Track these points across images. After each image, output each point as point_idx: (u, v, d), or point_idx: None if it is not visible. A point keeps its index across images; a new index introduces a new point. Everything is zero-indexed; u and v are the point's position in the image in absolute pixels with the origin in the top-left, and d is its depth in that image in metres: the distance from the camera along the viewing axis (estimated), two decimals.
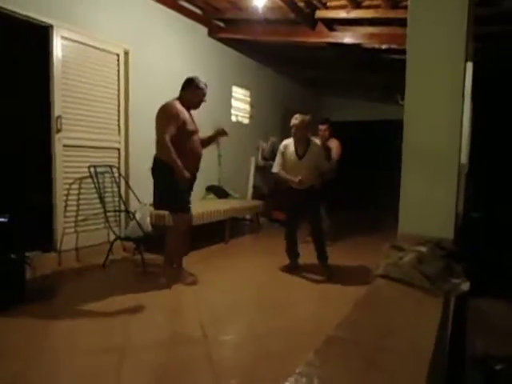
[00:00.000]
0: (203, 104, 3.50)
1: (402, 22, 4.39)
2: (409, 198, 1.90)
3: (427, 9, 1.90)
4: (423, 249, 1.50)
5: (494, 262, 3.61)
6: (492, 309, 2.67)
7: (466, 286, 1.41)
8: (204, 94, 3.44)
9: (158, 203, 3.43)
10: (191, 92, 3.40)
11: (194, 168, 3.40)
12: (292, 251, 3.94)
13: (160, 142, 3.21)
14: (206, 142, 3.66)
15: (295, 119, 3.70)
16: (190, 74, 5.27)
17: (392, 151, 3.40)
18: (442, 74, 1.84)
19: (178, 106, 3.29)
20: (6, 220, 2.77)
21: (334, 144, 4.90)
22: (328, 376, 0.80)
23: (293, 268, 3.91)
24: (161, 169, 3.28)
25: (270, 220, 6.32)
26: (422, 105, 1.87)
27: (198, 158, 3.46)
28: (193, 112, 3.47)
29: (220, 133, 3.67)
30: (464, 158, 3.96)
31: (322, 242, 3.85)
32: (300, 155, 3.72)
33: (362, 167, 8.47)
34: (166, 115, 3.21)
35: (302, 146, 3.71)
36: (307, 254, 3.95)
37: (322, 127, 4.89)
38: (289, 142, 3.79)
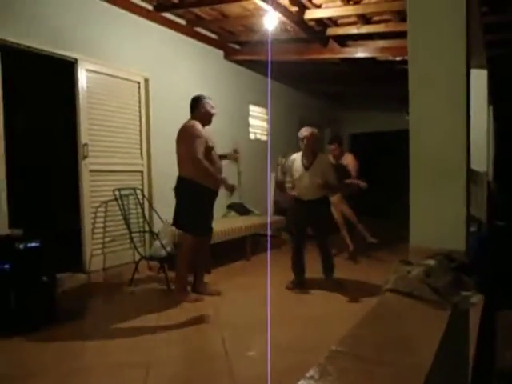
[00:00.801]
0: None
1: None
2: (418, 211, 1.91)
3: (426, 20, 1.94)
4: (431, 262, 1.51)
5: None
6: None
7: (476, 299, 1.41)
8: (212, 107, 3.61)
9: (177, 222, 3.53)
10: (200, 109, 3.56)
11: (217, 182, 3.52)
12: (298, 267, 3.85)
13: (194, 162, 3.34)
14: None
15: (305, 131, 3.76)
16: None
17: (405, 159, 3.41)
18: (444, 84, 1.87)
19: (198, 125, 3.44)
20: (38, 244, 2.94)
21: (348, 159, 4.92)
22: None
23: (299, 285, 3.82)
24: (184, 188, 3.44)
25: (291, 235, 6.32)
26: (426, 115, 1.90)
27: (220, 171, 3.59)
28: (208, 128, 3.61)
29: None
30: (484, 166, 3.90)
31: (328, 257, 3.80)
32: (306, 166, 3.74)
33: (381, 177, 8.38)
34: (192, 135, 3.36)
35: (310, 157, 3.74)
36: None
37: (332, 147, 4.93)
38: (296, 156, 3.84)
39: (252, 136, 6.56)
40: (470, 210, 1.83)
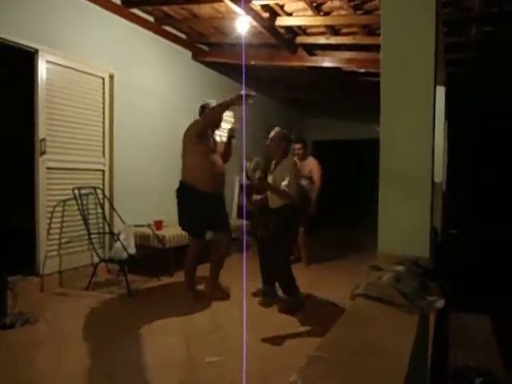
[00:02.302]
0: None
1: (379, 48, 4.63)
2: (386, 219, 1.98)
3: (398, 37, 2.03)
4: (401, 268, 1.57)
5: (472, 276, 3.74)
6: (473, 322, 2.76)
7: (440, 303, 1.49)
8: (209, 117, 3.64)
9: (180, 225, 3.66)
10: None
11: (213, 184, 3.48)
12: (262, 274, 3.67)
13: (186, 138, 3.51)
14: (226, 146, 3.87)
15: (273, 132, 3.58)
16: (173, 97, 5.41)
17: (372, 169, 3.50)
18: (414, 99, 1.97)
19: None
20: None
21: (312, 163, 4.97)
22: None
23: (267, 295, 3.64)
24: (182, 192, 3.53)
25: (255, 239, 6.34)
26: (395, 129, 1.98)
27: (218, 174, 3.55)
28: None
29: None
30: (440, 177, 4.14)
31: (278, 275, 3.49)
32: (271, 170, 3.59)
33: (345, 185, 8.65)
34: (193, 127, 3.54)
35: (276, 160, 3.54)
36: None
37: (297, 146, 4.98)
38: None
39: (218, 138, 6.49)
40: (435, 218, 1.93)
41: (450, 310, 2.86)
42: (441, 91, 3.89)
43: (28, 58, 3.62)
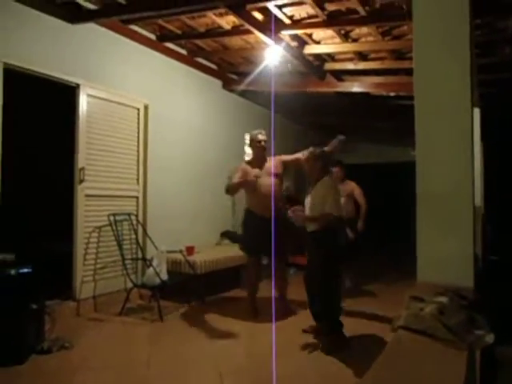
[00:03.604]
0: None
1: (408, 71, 4.62)
2: (425, 247, 1.91)
3: (431, 60, 2.01)
4: (444, 299, 1.50)
5: None
6: None
7: (490, 338, 1.40)
8: (258, 141, 3.96)
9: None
10: (252, 146, 4.04)
11: (263, 208, 3.72)
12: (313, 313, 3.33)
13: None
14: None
15: (306, 151, 3.51)
16: (205, 125, 5.57)
17: (405, 193, 3.38)
18: (451, 121, 1.92)
19: (242, 165, 4.04)
20: (29, 270, 2.84)
21: (353, 186, 4.90)
22: None
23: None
24: (244, 213, 4.04)
25: (285, 264, 6.26)
26: (433, 153, 1.93)
27: (264, 196, 3.72)
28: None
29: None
30: (478, 201, 3.98)
31: (323, 309, 3.16)
32: (308, 191, 3.38)
33: (376, 210, 8.46)
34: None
35: (313, 181, 3.35)
36: None
37: (335, 169, 4.93)
38: None
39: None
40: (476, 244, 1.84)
41: (496, 345, 2.68)
42: (475, 113, 3.80)
43: (70, 92, 3.84)
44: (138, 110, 4.52)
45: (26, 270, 2.83)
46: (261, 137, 3.95)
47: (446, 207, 1.84)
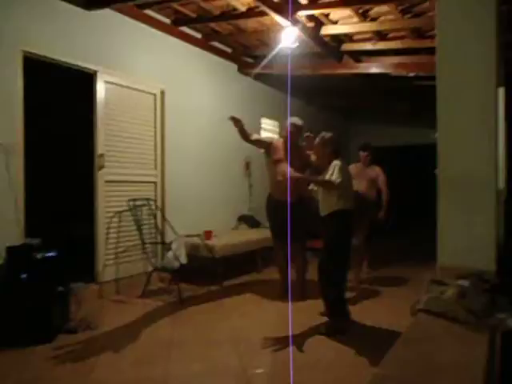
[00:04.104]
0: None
1: (429, 51, 4.47)
2: (446, 229, 1.89)
3: (455, 37, 1.94)
4: (465, 283, 1.49)
5: None
6: None
7: None
8: (286, 131, 3.92)
9: None
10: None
11: (280, 192, 3.68)
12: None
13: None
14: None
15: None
16: (220, 109, 5.55)
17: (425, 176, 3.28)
18: (474, 101, 1.87)
19: (274, 140, 4.12)
20: (55, 254, 2.94)
21: (377, 171, 4.72)
22: None
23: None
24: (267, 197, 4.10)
25: (304, 249, 6.26)
26: (455, 134, 1.89)
27: (283, 181, 3.63)
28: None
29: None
30: (501, 183, 3.86)
31: (325, 291, 3.15)
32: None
33: (397, 192, 8.37)
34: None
35: (323, 167, 3.25)
36: None
37: (364, 153, 4.78)
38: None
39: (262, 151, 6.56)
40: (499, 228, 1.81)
41: None
42: (500, 92, 3.67)
43: (87, 79, 3.88)
44: (155, 95, 4.54)
45: (51, 254, 2.93)
46: (292, 128, 3.86)
47: (468, 190, 1.81)
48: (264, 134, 6.58)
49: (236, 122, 3.77)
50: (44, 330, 2.78)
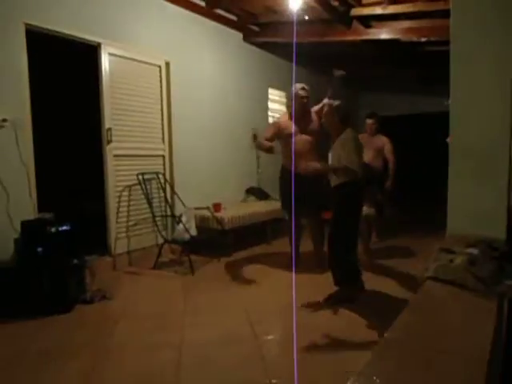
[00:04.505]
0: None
1: (442, 13, 4.29)
2: (457, 198, 1.89)
3: (471, 6, 1.86)
4: (475, 251, 1.50)
5: None
6: None
7: None
8: (301, 97, 3.79)
9: None
10: (294, 102, 3.83)
11: (291, 165, 3.62)
12: None
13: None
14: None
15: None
16: (226, 80, 5.46)
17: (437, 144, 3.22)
18: (489, 70, 1.81)
19: (282, 117, 3.99)
20: (68, 228, 3.01)
21: (384, 139, 4.71)
22: (388, 377, 0.85)
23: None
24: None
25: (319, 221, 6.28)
26: (469, 103, 1.85)
27: (296, 153, 3.66)
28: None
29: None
30: None
31: (334, 261, 3.16)
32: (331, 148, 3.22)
33: (407, 162, 8.29)
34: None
35: (333, 136, 3.19)
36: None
37: (370, 121, 4.74)
38: None
39: (271, 120, 6.49)
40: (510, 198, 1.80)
41: None
42: None
43: (91, 52, 3.82)
44: (160, 67, 4.47)
45: (65, 228, 3.00)
46: (303, 93, 3.77)
47: (481, 159, 1.79)
48: (271, 106, 6.49)
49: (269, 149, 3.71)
50: (62, 301, 2.88)
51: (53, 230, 2.92)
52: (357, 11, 4.59)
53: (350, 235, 3.13)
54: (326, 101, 3.56)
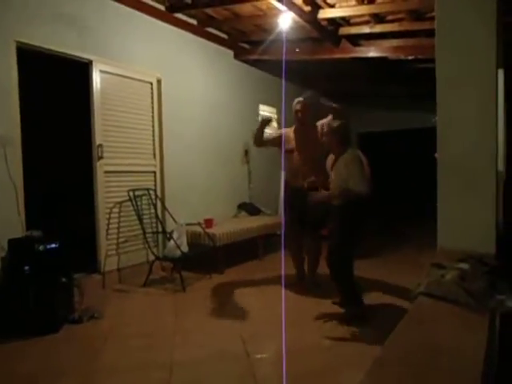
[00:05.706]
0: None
1: (428, 33, 4.42)
2: (446, 213, 1.91)
3: (455, 19, 1.92)
4: (465, 266, 1.51)
5: None
6: None
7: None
8: (296, 111, 3.78)
9: None
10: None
11: (295, 178, 3.67)
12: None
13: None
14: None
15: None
16: (218, 97, 5.51)
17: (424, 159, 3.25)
18: (474, 83, 1.86)
19: (286, 130, 3.91)
20: (56, 246, 2.96)
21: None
22: None
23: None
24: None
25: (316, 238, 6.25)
26: (455, 116, 1.89)
27: (296, 167, 3.69)
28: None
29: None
30: (501, 165, 3.87)
31: (337, 279, 3.10)
32: (332, 166, 3.22)
33: (393, 177, 8.38)
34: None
35: (335, 156, 3.19)
36: None
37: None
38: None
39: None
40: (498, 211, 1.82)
41: None
42: (500, 74, 3.64)
43: (82, 69, 3.83)
44: (151, 84, 4.50)
45: (53, 246, 2.95)
46: (297, 106, 3.75)
47: (468, 172, 1.81)
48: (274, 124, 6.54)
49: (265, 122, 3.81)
50: (49, 321, 2.81)
51: (41, 247, 2.86)
52: (345, 30, 4.70)
53: (352, 253, 3.12)
54: (325, 121, 3.58)
